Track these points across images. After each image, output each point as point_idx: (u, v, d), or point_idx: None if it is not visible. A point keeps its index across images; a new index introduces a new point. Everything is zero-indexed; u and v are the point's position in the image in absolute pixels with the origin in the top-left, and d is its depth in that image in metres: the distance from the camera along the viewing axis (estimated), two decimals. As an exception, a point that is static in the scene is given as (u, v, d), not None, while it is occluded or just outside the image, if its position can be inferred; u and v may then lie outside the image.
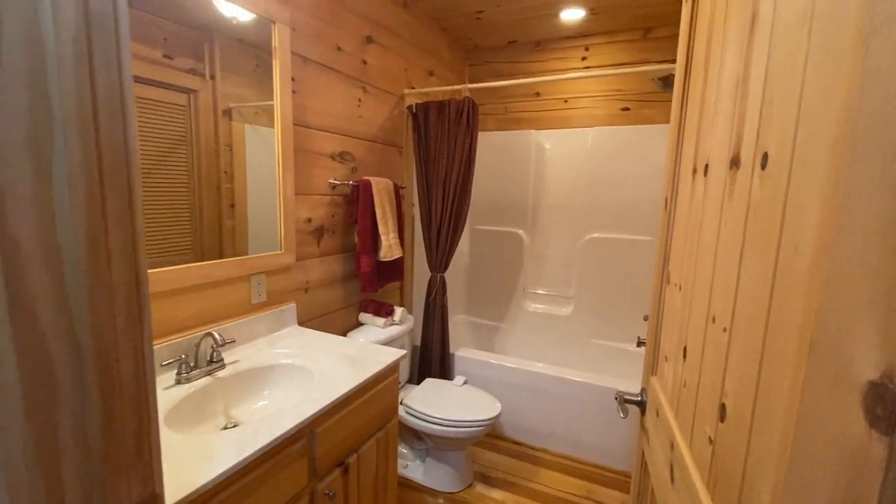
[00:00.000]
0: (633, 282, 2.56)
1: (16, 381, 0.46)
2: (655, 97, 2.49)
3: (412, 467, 2.01)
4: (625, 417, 0.94)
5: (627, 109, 2.58)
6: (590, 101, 2.65)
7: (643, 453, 0.94)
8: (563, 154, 2.68)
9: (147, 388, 0.55)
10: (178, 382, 1.17)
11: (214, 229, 1.25)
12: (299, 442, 1.01)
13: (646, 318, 2.36)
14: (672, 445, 0.70)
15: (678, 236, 0.81)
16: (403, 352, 1.43)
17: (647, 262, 2.52)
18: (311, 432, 1.07)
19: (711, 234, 0.60)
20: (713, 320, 0.57)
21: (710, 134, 0.65)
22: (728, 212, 0.54)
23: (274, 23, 1.44)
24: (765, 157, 0.45)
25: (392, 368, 1.37)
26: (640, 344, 2.43)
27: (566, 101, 2.70)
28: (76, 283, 0.49)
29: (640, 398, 0.96)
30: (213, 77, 1.19)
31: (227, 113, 1.24)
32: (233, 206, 1.29)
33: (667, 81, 2.25)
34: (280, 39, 1.46)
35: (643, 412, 0.95)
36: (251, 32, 1.35)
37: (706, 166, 0.65)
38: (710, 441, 0.55)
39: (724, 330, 0.53)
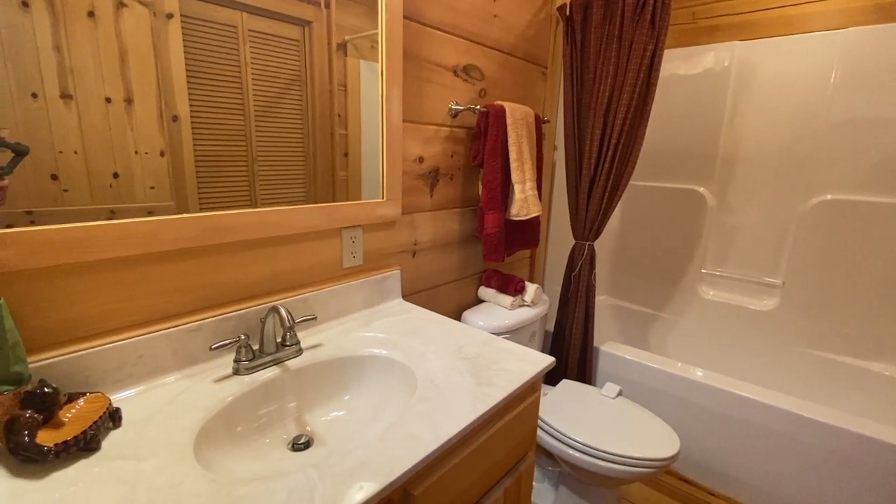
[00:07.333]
0: (896, 270, 1.66)
1: None
2: None
3: (539, 490, 1.55)
4: None
5: (919, -7, 1.58)
6: (845, -15, 1.70)
7: None
8: (786, 75, 1.80)
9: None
10: (237, 373, 0.84)
11: (328, 181, 1.05)
12: (383, 516, 0.59)
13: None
14: None
15: None
16: (550, 359, 0.92)
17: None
18: (406, 493, 0.64)
19: None
20: None
21: None
22: None
23: None
24: None
25: (533, 385, 0.88)
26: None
27: (799, -8, 1.78)
28: None
29: None
30: (328, 5, 0.98)
31: (342, 47, 1.02)
32: (346, 155, 1.08)
33: None
34: None
35: None
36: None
37: None
38: None
39: None
